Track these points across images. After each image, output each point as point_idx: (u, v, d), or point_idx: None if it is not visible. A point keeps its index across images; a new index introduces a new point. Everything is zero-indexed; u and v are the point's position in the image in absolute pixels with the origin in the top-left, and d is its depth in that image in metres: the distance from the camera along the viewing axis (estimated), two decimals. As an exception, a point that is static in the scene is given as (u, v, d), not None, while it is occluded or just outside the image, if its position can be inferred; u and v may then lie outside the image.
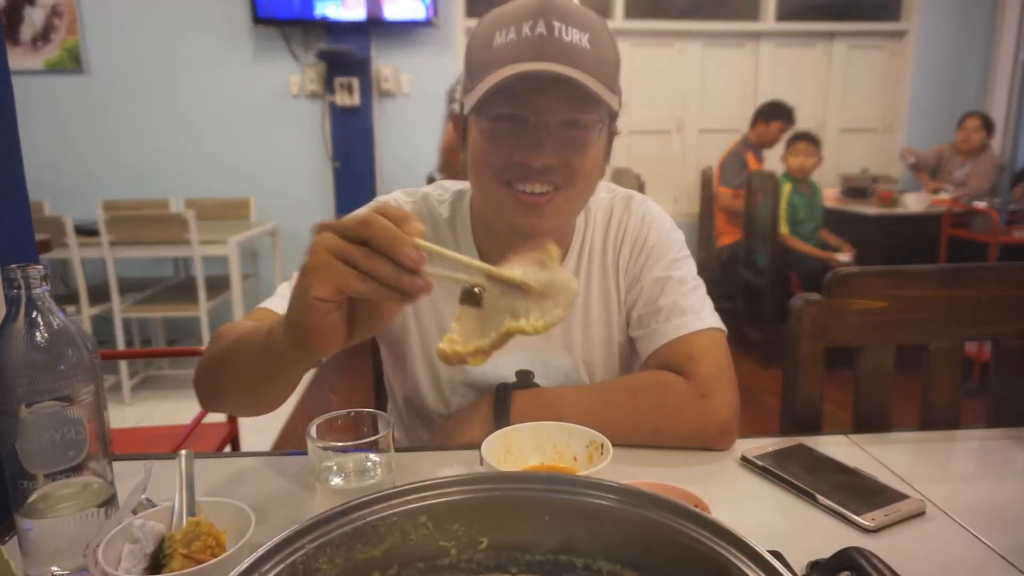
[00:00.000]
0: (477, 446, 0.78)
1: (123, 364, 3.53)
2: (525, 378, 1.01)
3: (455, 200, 1.04)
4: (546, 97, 0.83)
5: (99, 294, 3.51)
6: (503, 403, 0.92)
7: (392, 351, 1.07)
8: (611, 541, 0.48)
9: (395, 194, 1.06)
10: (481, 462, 0.76)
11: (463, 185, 1.05)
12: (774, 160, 4.36)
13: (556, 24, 0.82)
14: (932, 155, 4.60)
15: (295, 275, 0.93)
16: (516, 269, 0.64)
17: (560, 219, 0.92)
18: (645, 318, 1.00)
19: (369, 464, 0.70)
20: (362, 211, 1.02)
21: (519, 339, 0.87)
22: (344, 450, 0.69)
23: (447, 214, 1.03)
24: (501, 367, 1.00)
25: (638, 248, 1.02)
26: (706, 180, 4.64)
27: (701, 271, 1.04)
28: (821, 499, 0.77)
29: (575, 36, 0.83)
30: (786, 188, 3.99)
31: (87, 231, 3.38)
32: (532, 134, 0.84)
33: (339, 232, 0.60)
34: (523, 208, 0.88)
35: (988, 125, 4.34)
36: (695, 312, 0.97)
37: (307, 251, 0.62)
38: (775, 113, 4.28)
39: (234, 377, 0.83)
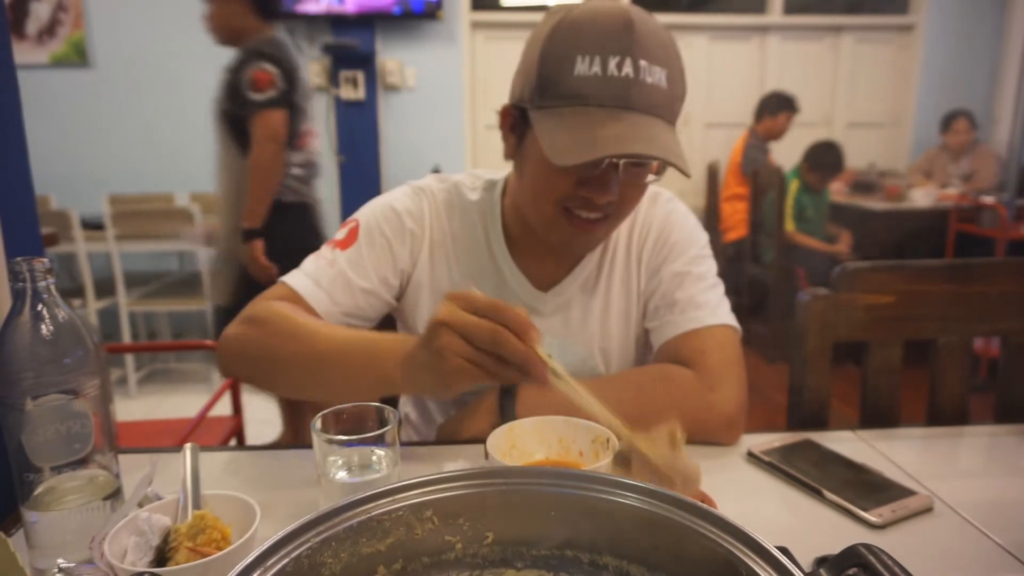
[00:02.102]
0: (482, 440, 0.78)
1: (129, 357, 3.54)
2: None
3: (486, 188, 1.05)
4: None
5: (105, 288, 3.53)
6: (509, 397, 0.92)
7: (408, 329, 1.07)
8: (617, 536, 0.48)
9: (427, 179, 1.06)
10: (486, 456, 0.75)
11: (495, 175, 1.06)
12: (780, 155, 4.34)
13: (642, 64, 0.81)
14: (924, 162, 4.58)
15: (325, 249, 0.99)
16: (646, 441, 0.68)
17: (605, 238, 1.00)
18: (660, 310, 1.00)
19: (374, 458, 0.70)
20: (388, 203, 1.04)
21: (542, 315, 1.03)
22: (349, 444, 0.69)
23: (475, 198, 1.04)
24: None
25: (661, 242, 1.03)
26: (712, 174, 4.62)
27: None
28: (828, 495, 0.77)
29: (656, 76, 0.82)
30: (793, 185, 3.98)
31: (93, 225, 3.39)
32: (603, 175, 0.85)
33: (468, 336, 0.67)
34: (576, 232, 0.91)
35: (974, 122, 4.35)
36: (711, 308, 0.97)
37: (435, 329, 0.69)
38: (779, 105, 4.25)
39: (315, 379, 0.85)
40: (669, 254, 1.02)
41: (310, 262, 0.98)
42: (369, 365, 0.80)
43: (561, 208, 0.89)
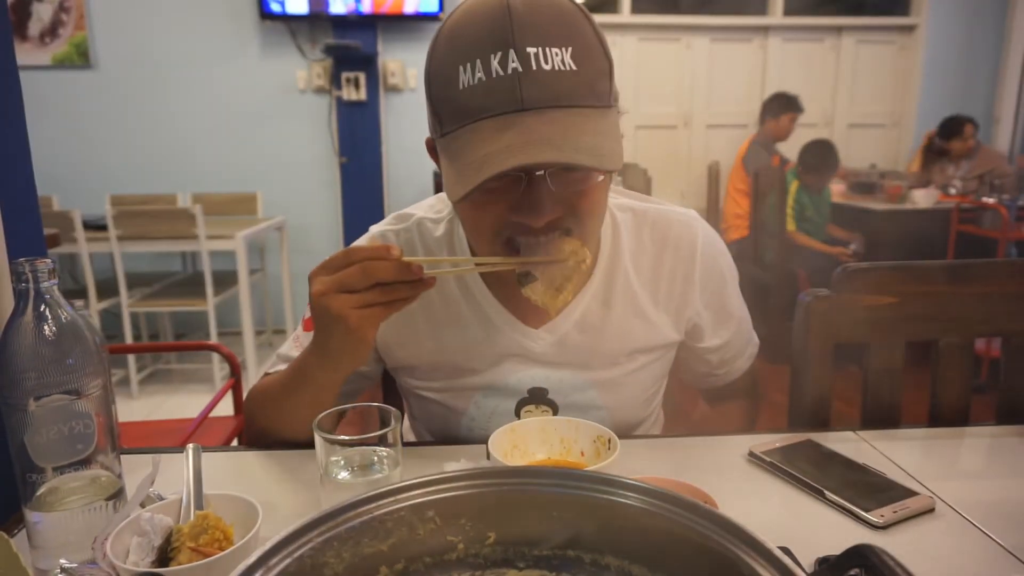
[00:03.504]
0: (484, 441, 0.78)
1: (131, 358, 3.54)
2: (539, 395, 0.98)
3: (451, 219, 0.96)
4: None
5: (107, 289, 3.53)
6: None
7: (402, 370, 1.02)
8: (618, 537, 0.48)
9: (385, 222, 0.99)
10: (488, 457, 0.76)
11: None
12: (784, 152, 4.33)
13: (530, 51, 0.68)
14: (922, 173, 4.53)
15: (299, 328, 0.97)
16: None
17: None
18: (728, 360, 1.09)
19: (376, 458, 0.70)
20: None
21: (534, 355, 0.96)
22: (351, 444, 0.69)
23: (440, 232, 0.96)
24: (513, 383, 0.96)
25: (714, 274, 1.00)
26: (713, 175, 4.62)
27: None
28: (829, 495, 0.77)
29: (556, 59, 0.69)
30: (793, 186, 3.97)
31: (95, 226, 3.39)
32: (528, 194, 0.73)
33: (345, 287, 0.71)
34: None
35: (977, 127, 4.36)
36: (754, 343, 1.12)
37: (319, 304, 0.73)
38: (782, 106, 4.25)
39: (282, 416, 0.90)
40: (726, 288, 1.03)
41: (286, 346, 0.99)
42: (304, 382, 0.84)
43: (502, 241, 0.79)
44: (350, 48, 4.08)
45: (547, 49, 0.69)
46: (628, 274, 0.95)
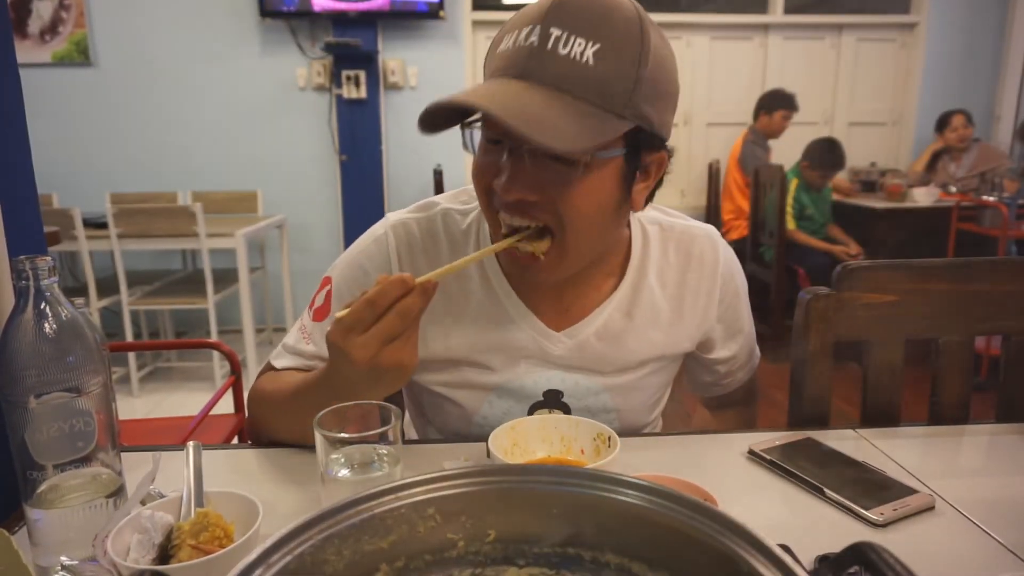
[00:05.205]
0: (484, 439, 0.78)
1: (131, 356, 3.54)
2: (553, 398, 0.98)
3: (480, 210, 0.95)
4: None
5: (107, 286, 3.53)
6: None
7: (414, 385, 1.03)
8: (618, 534, 0.48)
9: (408, 210, 0.98)
10: (488, 455, 0.76)
11: None
12: (778, 153, 4.33)
13: (554, 32, 0.70)
14: (924, 172, 4.52)
15: (305, 316, 0.96)
16: None
17: (561, 271, 0.84)
18: (734, 371, 1.10)
19: (377, 456, 0.70)
20: (354, 260, 0.97)
21: (552, 358, 0.95)
22: (352, 442, 0.69)
23: (467, 224, 0.95)
24: (529, 385, 0.96)
25: (731, 289, 1.03)
26: (713, 173, 4.62)
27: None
28: (829, 493, 0.77)
29: (576, 48, 0.70)
30: (793, 184, 3.97)
31: (95, 224, 3.39)
32: (507, 164, 0.75)
33: (391, 339, 0.69)
34: (518, 264, 0.83)
35: (971, 119, 4.33)
36: (757, 355, 1.14)
37: (377, 368, 0.70)
38: (777, 103, 4.24)
39: (299, 430, 0.86)
40: (739, 302, 1.05)
41: (292, 336, 0.96)
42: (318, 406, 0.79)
43: (493, 209, 0.81)
44: (350, 46, 4.08)
45: (571, 36, 0.71)
46: (652, 287, 0.97)
